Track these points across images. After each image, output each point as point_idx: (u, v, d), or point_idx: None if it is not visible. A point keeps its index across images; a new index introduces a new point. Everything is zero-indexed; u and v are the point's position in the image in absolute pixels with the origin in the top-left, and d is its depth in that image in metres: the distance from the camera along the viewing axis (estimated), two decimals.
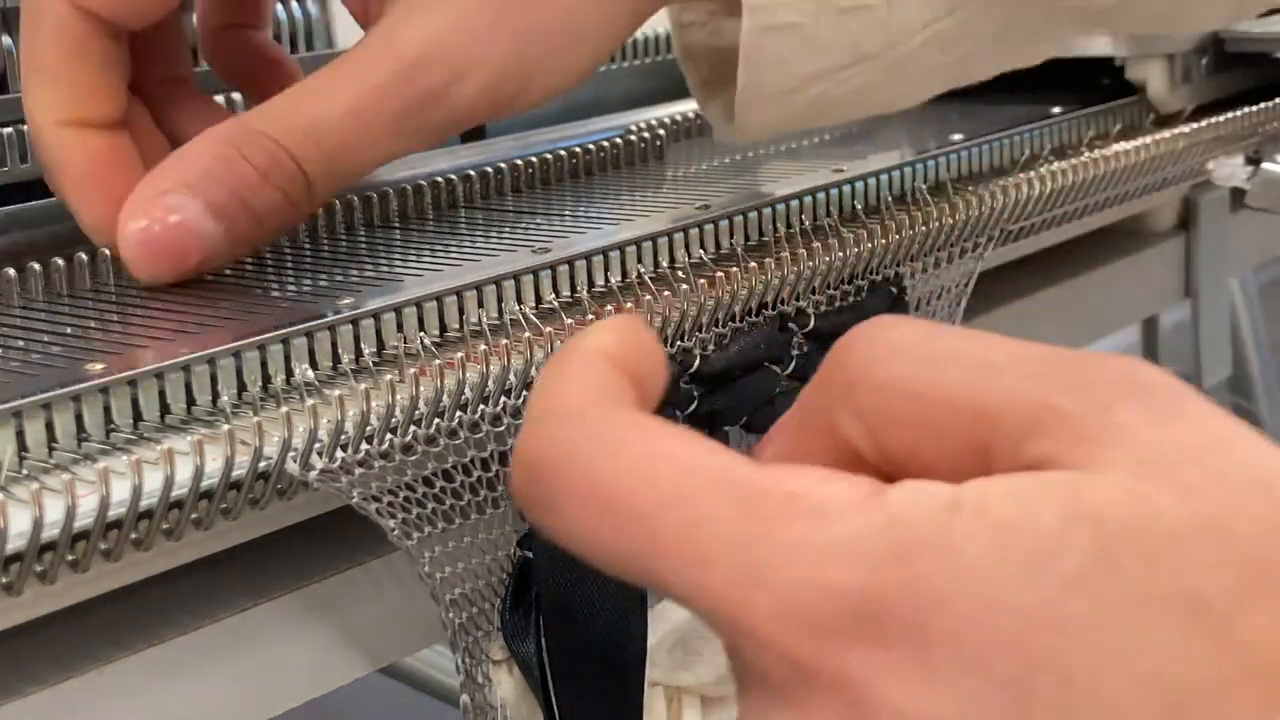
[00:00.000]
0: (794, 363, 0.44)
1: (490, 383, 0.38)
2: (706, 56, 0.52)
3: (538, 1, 0.44)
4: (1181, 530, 0.27)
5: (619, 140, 0.59)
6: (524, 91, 0.46)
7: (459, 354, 0.39)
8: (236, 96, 0.56)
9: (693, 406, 0.42)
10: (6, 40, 0.50)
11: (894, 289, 0.48)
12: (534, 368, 0.38)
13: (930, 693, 0.28)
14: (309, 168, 0.44)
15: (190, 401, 0.37)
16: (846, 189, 0.52)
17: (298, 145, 0.43)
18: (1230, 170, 0.66)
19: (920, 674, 0.28)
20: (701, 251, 0.47)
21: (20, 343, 0.40)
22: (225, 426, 0.35)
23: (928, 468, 0.31)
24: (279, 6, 0.58)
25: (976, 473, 0.30)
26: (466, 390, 0.38)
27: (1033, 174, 0.55)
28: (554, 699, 0.40)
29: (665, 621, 0.43)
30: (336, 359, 0.39)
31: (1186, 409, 0.29)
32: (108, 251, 0.45)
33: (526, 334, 0.40)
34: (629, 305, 0.41)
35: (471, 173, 0.54)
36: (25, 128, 0.50)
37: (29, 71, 0.45)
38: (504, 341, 0.40)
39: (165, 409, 0.36)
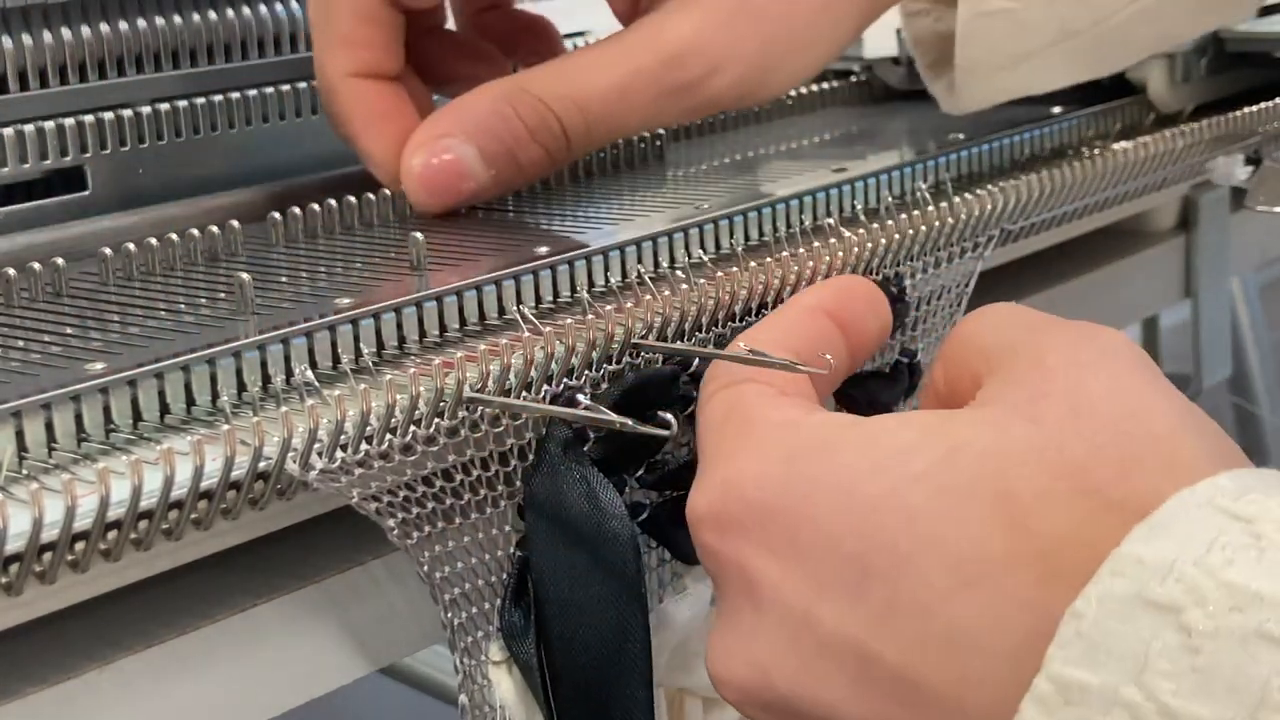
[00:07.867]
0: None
1: (490, 383, 0.38)
2: (933, 41, 0.59)
3: (782, 8, 0.50)
4: (1016, 445, 0.32)
5: (619, 140, 0.59)
6: (764, 86, 0.52)
7: (459, 354, 0.39)
8: None
9: (691, 407, 0.42)
10: (7, 41, 0.50)
11: (894, 289, 0.48)
12: (534, 367, 0.38)
13: (799, 570, 0.33)
14: (571, 131, 0.50)
15: (190, 401, 0.37)
16: (846, 189, 0.52)
17: (565, 110, 0.50)
18: (1230, 170, 0.66)
19: (791, 554, 0.33)
20: (701, 251, 0.47)
21: (20, 343, 0.40)
22: (225, 426, 0.35)
23: (960, 400, 0.36)
24: (294, 3, 0.58)
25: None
26: (466, 390, 0.38)
27: (1033, 174, 0.55)
28: (552, 700, 0.40)
29: (666, 624, 0.43)
30: (336, 359, 0.39)
31: (1108, 364, 0.34)
32: (108, 251, 0.46)
33: (526, 333, 0.40)
34: (629, 305, 0.41)
35: None
36: (29, 128, 0.50)
37: (326, 35, 0.52)
38: (504, 341, 0.40)
39: (165, 409, 0.37)
